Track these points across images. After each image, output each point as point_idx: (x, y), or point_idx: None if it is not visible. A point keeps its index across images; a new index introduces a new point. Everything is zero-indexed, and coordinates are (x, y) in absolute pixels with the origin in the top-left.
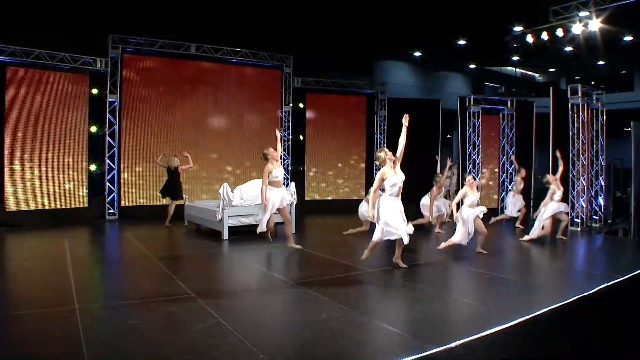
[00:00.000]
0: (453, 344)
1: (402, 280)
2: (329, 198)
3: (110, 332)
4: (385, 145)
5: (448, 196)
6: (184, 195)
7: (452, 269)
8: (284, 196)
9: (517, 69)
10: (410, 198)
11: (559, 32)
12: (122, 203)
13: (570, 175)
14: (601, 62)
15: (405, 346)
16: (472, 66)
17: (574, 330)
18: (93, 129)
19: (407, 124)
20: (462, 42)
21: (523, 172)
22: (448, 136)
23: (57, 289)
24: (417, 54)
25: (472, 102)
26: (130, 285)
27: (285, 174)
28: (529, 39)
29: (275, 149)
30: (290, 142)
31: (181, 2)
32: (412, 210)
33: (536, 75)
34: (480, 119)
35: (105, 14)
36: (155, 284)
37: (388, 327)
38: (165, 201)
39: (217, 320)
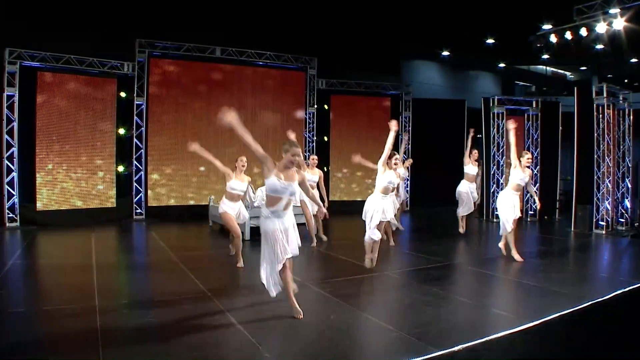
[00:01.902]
0: (456, 348)
1: (416, 282)
2: (359, 199)
3: (126, 328)
4: (410, 145)
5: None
6: (210, 196)
7: (467, 271)
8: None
9: (548, 68)
10: (435, 198)
11: (583, 32)
12: (151, 203)
13: (596, 177)
14: (634, 60)
15: (408, 349)
16: (502, 65)
17: (584, 338)
18: (121, 131)
19: (395, 129)
20: (490, 40)
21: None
22: (478, 135)
23: (81, 286)
24: (446, 53)
25: (496, 103)
26: (149, 284)
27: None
28: (553, 38)
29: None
30: (314, 144)
31: (206, 6)
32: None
33: (567, 73)
34: (504, 120)
35: (132, 18)
36: (173, 282)
37: (394, 329)
38: (193, 201)
39: (228, 319)
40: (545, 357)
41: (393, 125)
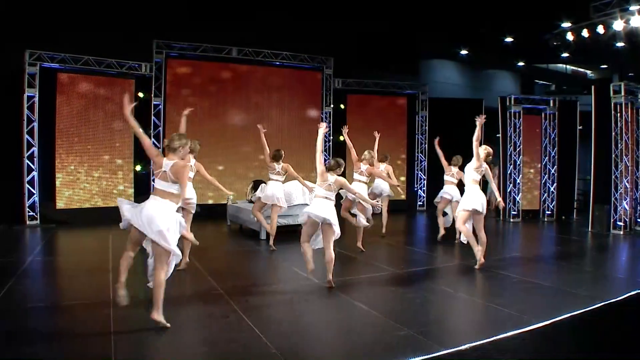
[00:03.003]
0: (463, 347)
1: (427, 282)
2: None
3: (138, 323)
4: (426, 145)
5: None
6: (229, 195)
7: (479, 272)
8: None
9: (568, 66)
10: None
11: (600, 29)
12: None
13: (613, 176)
14: None
15: (415, 347)
16: (521, 64)
17: (596, 338)
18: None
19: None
20: (509, 39)
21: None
22: (497, 135)
23: (97, 282)
24: (464, 52)
25: (512, 102)
26: None
27: None
28: (570, 36)
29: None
30: (331, 143)
31: (222, 6)
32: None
33: (588, 72)
34: (521, 119)
35: (150, 19)
36: (187, 280)
37: (402, 328)
38: (212, 200)
39: (239, 317)
40: (555, 357)
41: (322, 126)
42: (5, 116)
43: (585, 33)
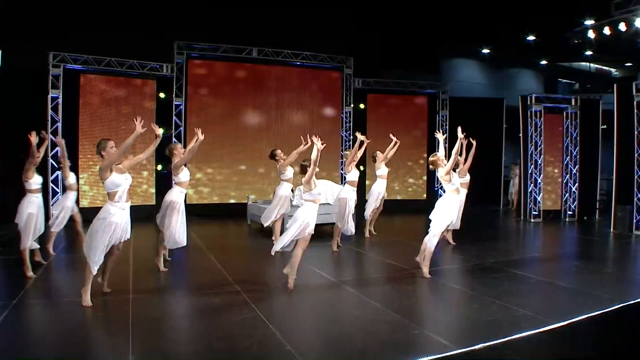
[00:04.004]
0: (478, 346)
1: (443, 281)
2: (398, 197)
3: (156, 318)
4: (447, 144)
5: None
6: (249, 195)
7: (498, 272)
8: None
9: (592, 64)
10: (472, 197)
11: (622, 26)
12: (191, 201)
13: (636, 176)
14: None
15: (429, 346)
16: (544, 62)
17: (613, 340)
18: (160, 131)
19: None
20: (531, 37)
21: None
22: (519, 135)
23: (117, 278)
24: (486, 50)
25: (533, 101)
26: (182, 278)
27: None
28: (591, 34)
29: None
30: (350, 143)
31: (242, 6)
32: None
33: (612, 70)
34: (542, 118)
35: (171, 20)
36: (205, 277)
37: (416, 327)
38: (234, 200)
39: (255, 313)
40: (571, 358)
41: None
42: (30, 116)
43: (607, 31)
